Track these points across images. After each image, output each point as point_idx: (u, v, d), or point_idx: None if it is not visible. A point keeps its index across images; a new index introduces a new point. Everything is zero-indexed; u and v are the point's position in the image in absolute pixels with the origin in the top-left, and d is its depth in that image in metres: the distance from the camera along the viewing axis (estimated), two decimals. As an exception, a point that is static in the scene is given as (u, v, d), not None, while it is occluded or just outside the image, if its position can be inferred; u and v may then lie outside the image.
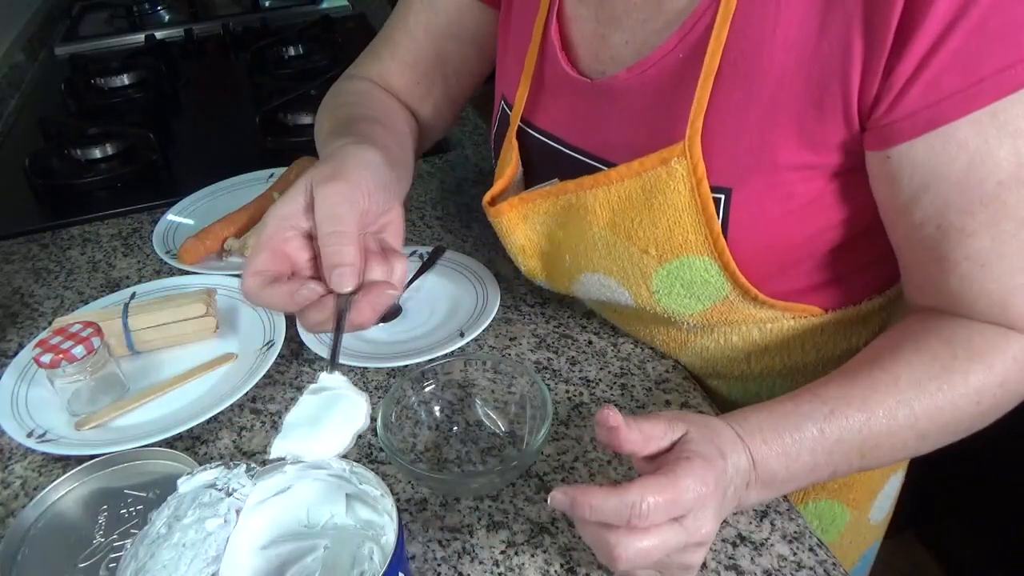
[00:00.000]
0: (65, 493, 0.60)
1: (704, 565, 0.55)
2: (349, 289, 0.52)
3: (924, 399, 0.53)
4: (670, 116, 0.59)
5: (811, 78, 0.53)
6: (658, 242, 0.61)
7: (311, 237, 0.55)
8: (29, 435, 0.68)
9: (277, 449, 0.49)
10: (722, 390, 0.75)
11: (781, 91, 0.54)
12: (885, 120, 0.51)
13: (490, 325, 0.78)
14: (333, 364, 0.53)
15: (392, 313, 0.81)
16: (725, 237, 0.58)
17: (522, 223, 0.70)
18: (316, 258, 0.55)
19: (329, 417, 0.51)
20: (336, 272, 0.52)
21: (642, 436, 0.51)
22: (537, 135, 0.71)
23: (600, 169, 0.63)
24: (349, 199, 0.53)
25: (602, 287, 0.68)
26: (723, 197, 0.57)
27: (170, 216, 1.01)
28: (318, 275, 0.55)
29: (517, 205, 0.69)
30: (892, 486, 0.84)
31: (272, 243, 0.54)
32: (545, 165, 0.70)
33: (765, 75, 0.54)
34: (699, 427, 0.52)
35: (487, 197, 0.71)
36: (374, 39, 0.86)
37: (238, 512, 0.47)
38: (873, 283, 0.67)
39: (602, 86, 0.63)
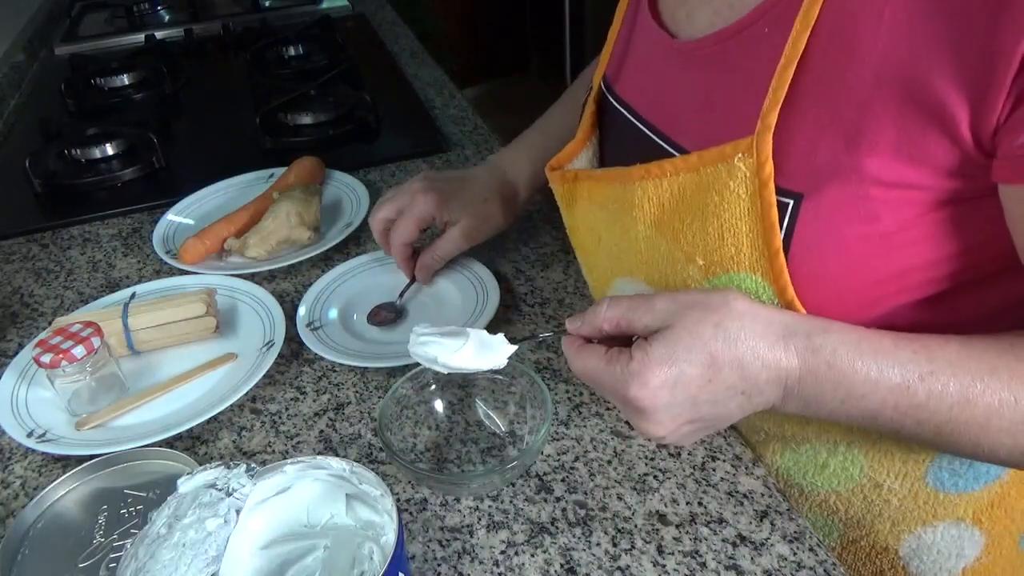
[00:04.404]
0: (65, 493, 0.60)
1: (704, 565, 0.55)
2: None
3: None
4: (743, 102, 0.51)
5: (919, 76, 0.43)
6: (707, 251, 0.53)
7: None
8: (29, 435, 0.68)
9: (418, 329, 0.57)
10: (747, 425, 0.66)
11: (881, 86, 0.44)
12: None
13: (490, 325, 0.78)
14: (517, 340, 0.58)
15: (393, 314, 0.81)
16: (786, 254, 0.49)
17: (578, 202, 0.65)
18: None
19: (472, 347, 0.56)
20: None
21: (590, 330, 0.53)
22: (616, 104, 0.64)
23: (668, 151, 0.57)
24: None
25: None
26: (791, 203, 0.48)
27: (170, 216, 1.01)
28: None
29: (579, 179, 0.64)
30: None
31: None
32: (618, 142, 0.65)
33: (863, 64, 0.45)
34: (689, 332, 0.48)
35: (552, 161, 0.67)
36: None
37: (238, 512, 0.47)
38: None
39: (678, 49, 0.57)
